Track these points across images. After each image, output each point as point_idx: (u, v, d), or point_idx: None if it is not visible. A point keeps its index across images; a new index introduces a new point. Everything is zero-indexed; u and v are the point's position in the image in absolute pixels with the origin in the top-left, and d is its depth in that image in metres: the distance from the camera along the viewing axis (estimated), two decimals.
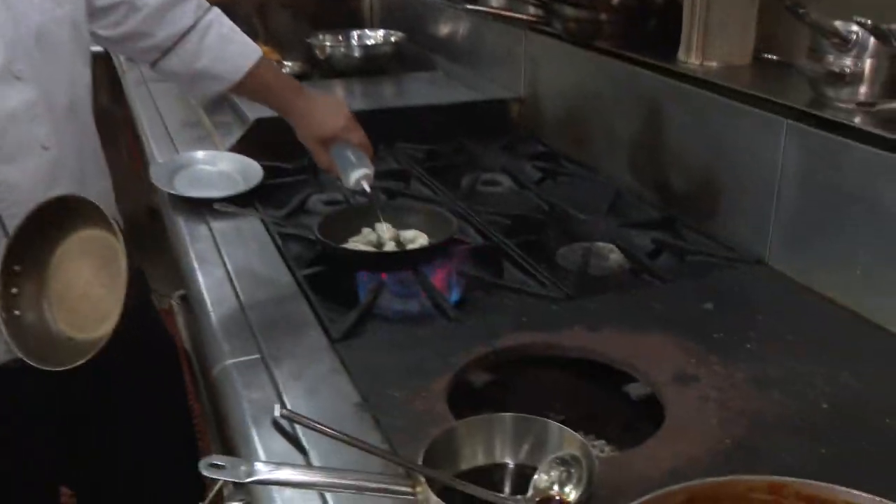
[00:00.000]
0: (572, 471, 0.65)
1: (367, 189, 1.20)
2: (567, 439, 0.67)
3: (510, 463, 0.69)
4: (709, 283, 1.07)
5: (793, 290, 1.06)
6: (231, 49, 1.20)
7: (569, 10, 1.46)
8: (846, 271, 1.01)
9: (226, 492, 0.95)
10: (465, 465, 0.69)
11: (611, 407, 0.93)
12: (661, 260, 1.18)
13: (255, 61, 1.20)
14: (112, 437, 1.18)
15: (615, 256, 1.17)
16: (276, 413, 0.63)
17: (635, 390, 0.86)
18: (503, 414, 0.69)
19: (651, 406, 0.85)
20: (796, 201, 1.08)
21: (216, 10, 1.22)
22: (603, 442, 0.91)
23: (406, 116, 1.71)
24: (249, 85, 1.22)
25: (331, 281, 1.13)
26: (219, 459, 0.65)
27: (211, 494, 1.03)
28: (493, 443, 0.68)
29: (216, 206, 1.18)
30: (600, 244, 1.20)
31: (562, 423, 0.96)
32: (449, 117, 1.70)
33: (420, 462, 0.65)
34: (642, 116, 1.34)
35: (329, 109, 1.23)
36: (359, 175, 1.20)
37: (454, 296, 1.09)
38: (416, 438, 0.72)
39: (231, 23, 1.22)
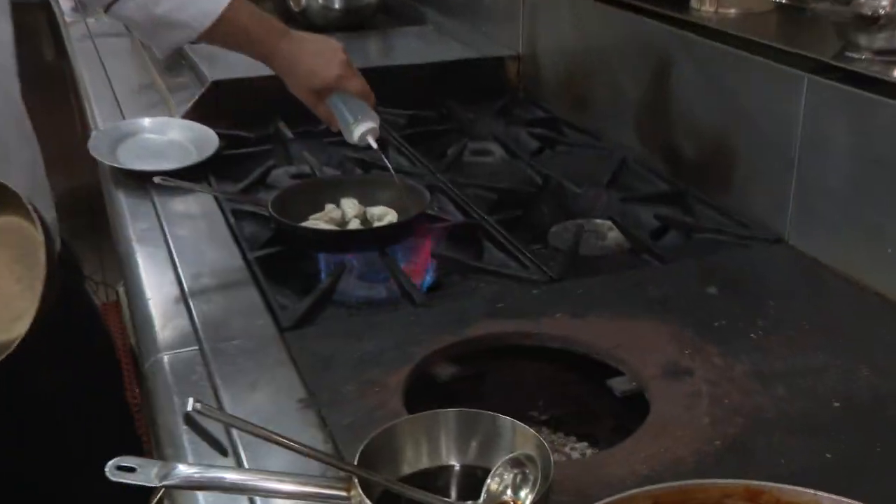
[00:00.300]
0: (527, 472, 0.65)
1: (374, 145, 1.20)
2: (521, 436, 0.67)
3: (456, 465, 0.69)
4: (716, 265, 1.07)
5: (814, 272, 1.06)
6: None
7: None
8: (875, 249, 1.01)
9: (167, 501, 0.97)
10: (408, 468, 0.69)
11: (598, 404, 0.93)
12: (668, 239, 1.18)
13: (226, 4, 1.16)
14: (31, 449, 1.19)
15: (614, 235, 1.17)
16: (189, 407, 0.64)
17: (620, 385, 0.86)
18: (447, 409, 0.69)
19: (641, 403, 0.85)
20: (819, 169, 1.07)
21: None
22: (585, 444, 0.92)
23: (393, 77, 1.71)
24: (223, 31, 1.18)
25: (288, 264, 1.14)
26: (128, 461, 0.66)
27: (153, 502, 1.05)
28: (438, 442, 0.69)
29: (156, 179, 1.18)
30: (598, 221, 1.21)
31: (544, 423, 0.97)
32: (437, 78, 1.71)
33: (355, 463, 0.66)
34: (651, 74, 1.34)
35: (321, 55, 1.20)
36: (363, 130, 1.19)
37: (427, 280, 1.10)
38: (364, 437, 0.73)
39: None
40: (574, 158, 1.42)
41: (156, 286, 1.07)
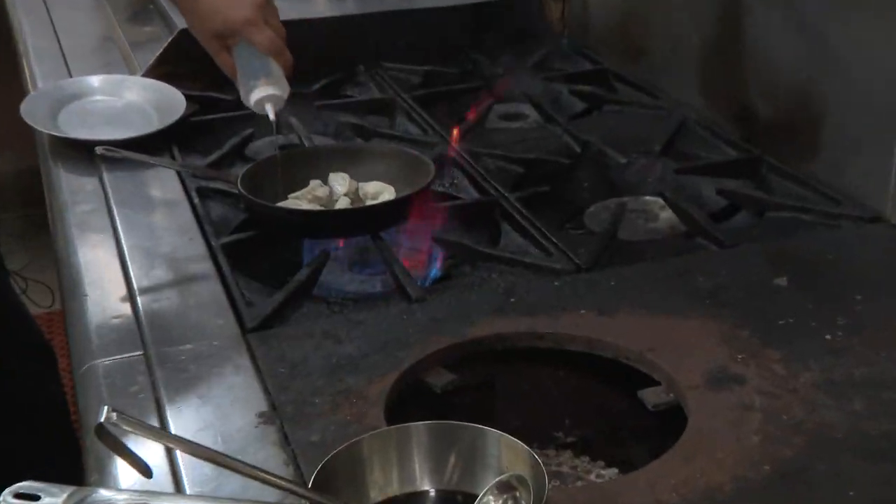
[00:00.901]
0: (518, 496, 0.67)
1: (272, 116, 1.22)
2: (510, 452, 0.69)
3: (431, 490, 0.71)
4: (790, 249, 1.08)
5: None
6: None
7: None
8: None
9: None
10: (377, 495, 0.72)
11: (631, 421, 0.94)
12: (736, 220, 1.18)
13: None
14: None
15: (667, 215, 1.18)
16: (102, 418, 0.66)
17: (653, 397, 0.87)
18: (420, 423, 0.71)
19: (683, 420, 0.86)
20: None
21: None
22: (615, 470, 0.93)
23: (409, 24, 1.73)
24: None
25: (263, 253, 1.16)
26: (29, 487, 0.68)
27: None
28: (411, 462, 0.71)
29: (99, 150, 1.22)
30: (647, 198, 1.22)
31: (570, 446, 0.99)
32: (463, 24, 1.73)
33: (309, 486, 0.68)
34: (721, 13, 1.34)
35: None
36: (260, 96, 1.22)
37: (432, 271, 1.12)
38: None
39: None
40: (624, 120, 1.43)
41: (96, 280, 1.10)
